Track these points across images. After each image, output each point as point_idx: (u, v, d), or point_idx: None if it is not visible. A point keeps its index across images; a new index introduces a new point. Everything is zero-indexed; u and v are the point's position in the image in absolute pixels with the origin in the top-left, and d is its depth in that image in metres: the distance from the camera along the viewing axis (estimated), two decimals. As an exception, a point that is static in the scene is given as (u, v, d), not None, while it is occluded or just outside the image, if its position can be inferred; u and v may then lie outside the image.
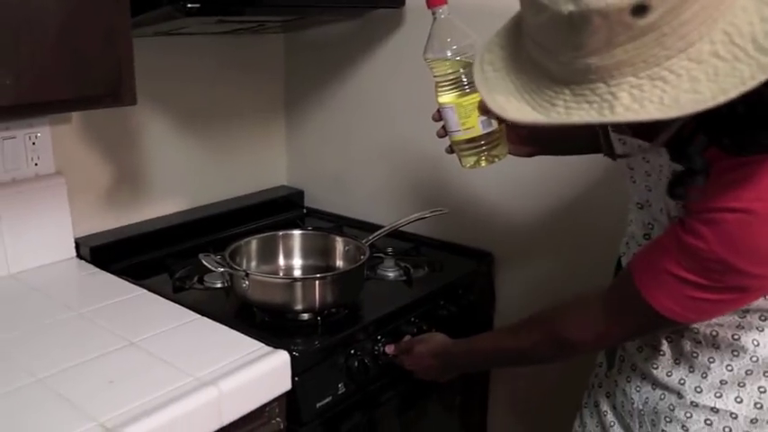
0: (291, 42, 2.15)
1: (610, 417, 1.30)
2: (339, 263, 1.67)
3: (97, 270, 1.63)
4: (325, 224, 2.05)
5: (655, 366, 1.18)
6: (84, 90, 1.26)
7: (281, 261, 1.69)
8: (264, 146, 2.17)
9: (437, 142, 1.36)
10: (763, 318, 1.05)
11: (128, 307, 1.45)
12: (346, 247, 1.66)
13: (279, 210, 2.11)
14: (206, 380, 1.16)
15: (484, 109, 1.20)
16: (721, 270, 0.92)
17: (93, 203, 1.76)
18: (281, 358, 1.26)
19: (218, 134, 2.03)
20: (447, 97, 1.24)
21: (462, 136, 1.24)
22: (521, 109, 0.86)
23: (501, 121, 1.24)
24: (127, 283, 1.56)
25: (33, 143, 1.60)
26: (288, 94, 2.20)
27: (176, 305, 1.45)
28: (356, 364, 1.40)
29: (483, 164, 1.26)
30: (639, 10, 0.72)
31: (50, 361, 1.21)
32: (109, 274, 1.60)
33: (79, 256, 1.69)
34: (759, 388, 1.10)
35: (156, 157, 1.87)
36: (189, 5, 1.32)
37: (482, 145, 1.24)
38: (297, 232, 1.71)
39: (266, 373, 1.23)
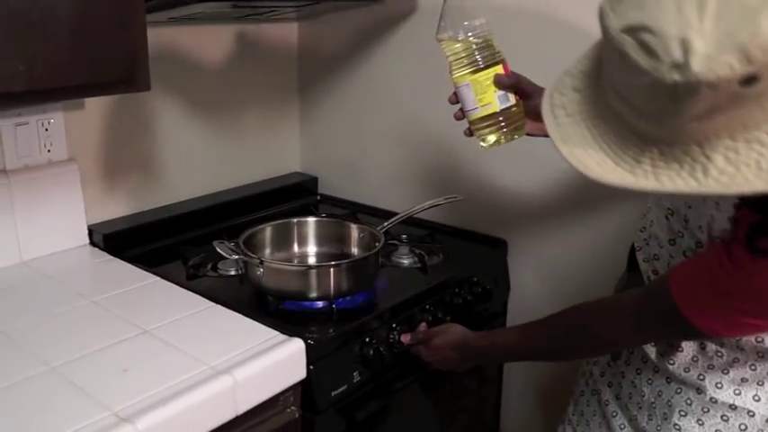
0: (305, 29, 2.14)
1: (612, 406, 1.28)
2: (354, 250, 1.66)
3: (110, 257, 1.62)
4: (339, 211, 2.04)
5: (671, 362, 1.17)
6: (97, 76, 1.24)
7: (296, 248, 1.68)
8: (278, 132, 2.16)
9: (452, 128, 1.35)
10: None
11: (141, 294, 1.44)
12: (361, 234, 1.65)
13: (293, 196, 2.10)
14: (220, 368, 1.15)
15: (501, 83, 1.19)
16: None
17: (106, 190, 1.75)
18: (296, 346, 1.25)
19: (232, 121, 2.02)
20: (462, 75, 1.23)
21: (480, 113, 1.24)
22: (602, 163, 0.81)
23: (518, 95, 1.23)
24: (140, 270, 1.55)
25: (46, 129, 1.59)
26: (301, 81, 2.19)
27: (190, 293, 1.44)
28: (371, 352, 1.39)
29: (503, 141, 1.25)
30: (750, 80, 0.68)
31: (63, 349, 1.20)
32: (122, 262, 1.60)
33: (92, 243, 1.69)
34: None
35: (169, 144, 1.86)
36: (202, -11, 1.32)
37: (501, 122, 1.24)
38: (311, 219, 1.70)
39: (281, 361, 1.22)
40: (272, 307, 1.46)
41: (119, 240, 1.68)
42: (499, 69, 1.22)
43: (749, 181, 0.72)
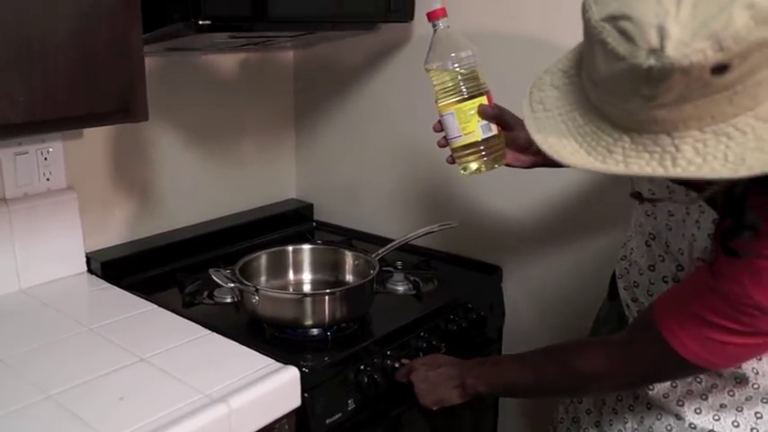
0: (301, 56, 2.16)
1: None
2: (349, 277, 1.67)
3: (108, 285, 1.63)
4: (335, 237, 2.05)
5: (651, 389, 1.18)
6: (96, 106, 1.26)
7: (291, 276, 1.69)
8: (274, 159, 2.18)
9: (446, 155, 1.37)
10: None
11: (138, 322, 1.45)
12: (356, 262, 1.66)
13: (289, 223, 2.12)
14: (216, 397, 1.16)
15: (484, 114, 1.22)
16: (754, 314, 0.91)
17: (104, 217, 1.76)
18: (291, 374, 1.26)
19: (228, 148, 2.04)
20: (447, 104, 1.27)
21: (463, 141, 1.26)
22: (575, 153, 0.84)
23: (501, 126, 1.25)
24: (137, 297, 1.56)
25: (45, 158, 1.61)
26: (297, 108, 2.21)
27: (186, 320, 1.46)
28: (366, 379, 1.40)
29: (483, 169, 1.28)
30: (720, 69, 0.71)
31: (61, 377, 1.21)
32: (119, 289, 1.61)
33: (90, 270, 1.70)
34: (756, 413, 1.11)
35: (167, 171, 1.88)
36: (200, 22, 1.33)
37: (482, 150, 1.26)
38: (306, 247, 1.71)
39: (276, 389, 1.24)
40: (268, 334, 1.47)
41: (116, 268, 1.70)
42: (483, 100, 1.25)
43: (715, 170, 0.75)
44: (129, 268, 1.72)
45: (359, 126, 2.06)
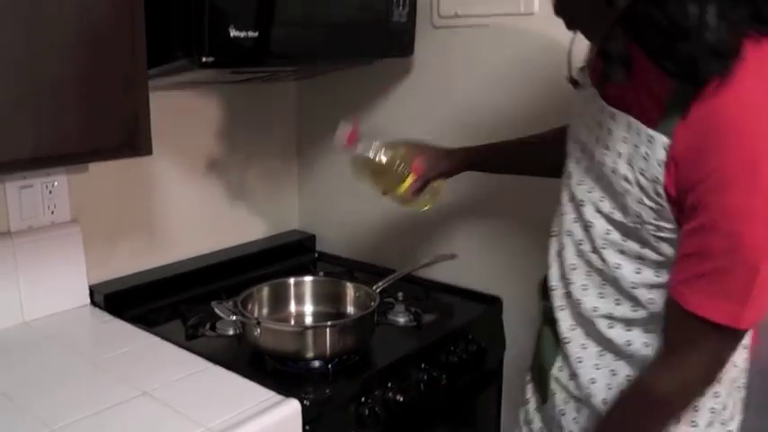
0: (303, 88, 2.19)
1: None
2: (350, 309, 1.68)
3: (111, 317, 1.65)
4: (337, 268, 2.06)
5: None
6: (100, 142, 1.28)
7: (293, 307, 1.70)
8: (277, 190, 2.20)
9: (448, 189, 1.43)
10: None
11: (141, 355, 1.46)
12: (357, 294, 1.67)
13: (291, 254, 2.13)
14: (217, 430, 1.17)
15: (415, 191, 1.46)
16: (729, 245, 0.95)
17: (108, 249, 1.78)
18: (292, 407, 1.27)
19: (231, 180, 2.06)
20: (378, 188, 1.49)
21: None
22: None
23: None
24: (140, 330, 1.57)
25: (50, 192, 1.63)
26: (300, 139, 2.23)
27: (189, 353, 1.47)
28: (367, 412, 1.41)
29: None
30: None
31: (65, 411, 1.22)
32: (122, 322, 1.62)
33: (93, 303, 1.71)
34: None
35: (170, 203, 1.90)
36: (204, 59, 1.35)
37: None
38: (308, 279, 1.72)
39: (277, 422, 1.25)
40: (270, 367, 1.48)
41: (119, 300, 1.71)
42: (410, 180, 1.41)
43: None
44: (132, 301, 1.73)
45: (360, 158, 2.08)
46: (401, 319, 1.72)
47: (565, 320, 1.23)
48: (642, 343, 1.13)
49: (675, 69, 0.94)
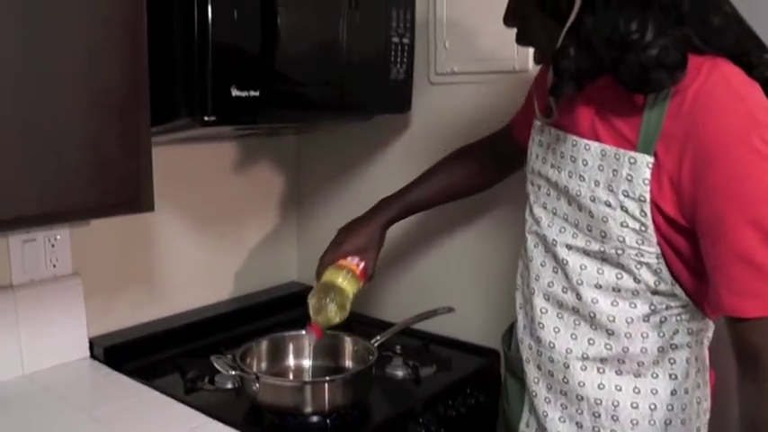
0: (303, 142, 2.22)
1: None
2: (348, 363, 1.69)
3: (110, 370, 1.65)
4: (335, 320, 2.07)
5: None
6: (104, 199, 1.29)
7: (292, 361, 1.71)
8: (276, 242, 2.22)
9: (446, 240, 1.45)
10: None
11: (140, 410, 1.46)
12: (355, 347, 1.68)
13: (290, 306, 2.13)
14: (216, 488, 1.17)
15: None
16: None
17: (108, 302, 1.79)
18: (291, 464, 1.28)
19: (231, 232, 2.08)
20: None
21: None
22: None
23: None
24: (139, 384, 1.58)
25: (53, 245, 1.65)
26: (299, 192, 2.26)
27: (187, 407, 1.47)
28: (365, 469, 1.41)
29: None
30: None
31: (64, 468, 1.22)
32: (121, 375, 1.63)
33: (93, 355, 1.72)
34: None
35: (170, 257, 1.92)
36: (206, 118, 1.38)
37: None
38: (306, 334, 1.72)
39: (276, 479, 1.25)
40: (268, 421, 1.48)
41: (119, 353, 1.71)
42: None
43: None
44: (131, 354, 1.73)
45: (359, 210, 2.07)
46: (399, 373, 1.73)
47: (531, 372, 1.28)
48: (614, 386, 1.17)
49: (629, 79, 1.02)
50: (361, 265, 1.52)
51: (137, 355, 1.74)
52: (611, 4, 0.99)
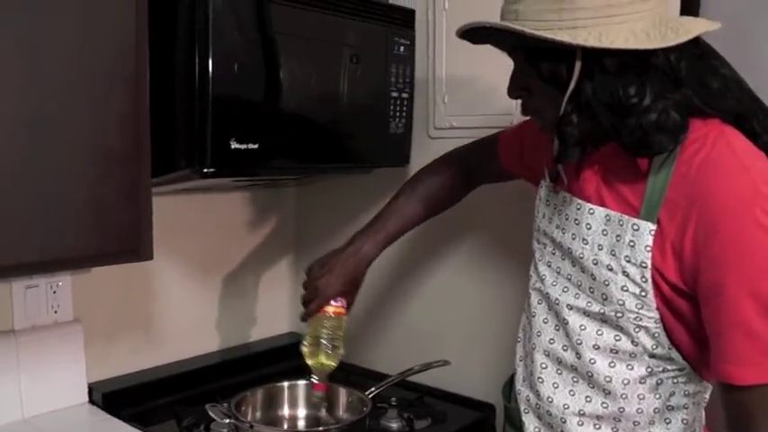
0: (302, 194, 2.25)
1: None
2: (343, 414, 1.69)
3: (108, 416, 1.66)
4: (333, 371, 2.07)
5: None
6: (104, 247, 1.31)
7: (286, 411, 1.72)
8: (272, 293, 2.23)
9: (443, 292, 1.48)
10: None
11: (135, 457, 1.47)
12: (349, 399, 1.68)
13: (286, 356, 2.12)
14: None
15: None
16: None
17: (107, 348, 1.81)
18: None
19: (229, 282, 2.10)
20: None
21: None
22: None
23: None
24: (136, 431, 1.58)
25: (54, 292, 1.67)
26: (297, 243, 2.28)
27: (182, 455, 1.48)
28: None
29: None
30: None
31: None
32: (119, 421, 1.63)
33: (92, 401, 1.73)
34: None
35: (168, 304, 1.94)
36: (205, 170, 1.42)
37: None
38: (302, 383, 1.73)
39: None
40: (262, 470, 1.49)
41: (117, 399, 1.73)
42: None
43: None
44: (129, 400, 1.74)
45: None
46: (394, 425, 1.73)
47: (530, 423, 1.28)
48: None
49: (630, 142, 1.04)
50: (343, 302, 1.53)
51: (134, 401, 1.75)
52: (608, 71, 1.01)
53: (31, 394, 1.63)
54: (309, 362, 1.52)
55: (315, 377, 1.54)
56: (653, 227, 1.06)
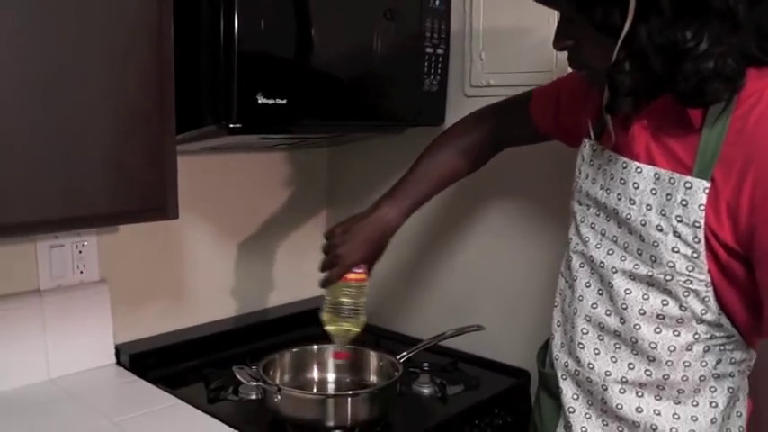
0: (334, 156, 2.21)
1: None
2: (373, 378, 1.67)
3: (135, 378, 1.65)
4: (363, 336, 2.04)
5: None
6: (128, 204, 1.29)
7: (315, 375, 1.70)
8: (303, 256, 2.18)
9: (476, 257, 1.39)
10: None
11: (162, 418, 1.46)
12: (380, 363, 1.66)
13: (315, 320, 2.09)
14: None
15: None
16: None
17: (134, 310, 1.79)
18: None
19: (259, 245, 2.07)
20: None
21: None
22: None
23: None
24: (163, 392, 1.57)
25: (80, 251, 1.65)
26: (328, 206, 2.25)
27: (209, 417, 1.46)
28: (386, 485, 1.38)
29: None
30: None
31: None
32: (146, 383, 1.62)
33: (119, 362, 1.72)
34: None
35: (196, 267, 1.92)
36: (231, 125, 1.38)
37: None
38: (331, 347, 1.69)
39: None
40: (289, 434, 1.47)
41: (144, 361, 1.71)
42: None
43: None
44: (156, 362, 1.73)
45: (391, 224, 2.07)
46: (426, 390, 1.70)
47: (568, 390, 1.25)
48: (653, 410, 1.15)
49: (685, 90, 0.99)
50: (365, 267, 1.48)
51: (162, 363, 1.74)
52: (665, 14, 0.96)
53: (57, 355, 1.62)
54: (330, 328, 1.47)
55: (337, 345, 1.50)
56: (707, 185, 1.02)
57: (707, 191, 1.01)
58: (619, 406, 1.17)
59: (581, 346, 1.21)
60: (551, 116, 1.41)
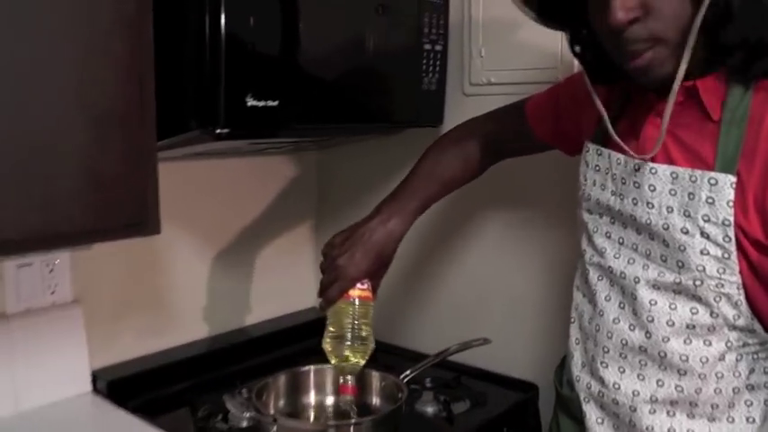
0: (323, 159, 2.14)
1: None
2: (375, 400, 1.58)
3: (113, 407, 1.54)
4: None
5: None
6: (104, 220, 1.17)
7: (312, 399, 1.60)
8: (293, 266, 2.13)
9: (482, 268, 1.52)
10: None
11: (146, 455, 1.35)
12: (383, 383, 1.57)
13: (308, 334, 2.01)
14: None
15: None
16: None
17: (112, 332, 1.69)
18: None
19: (246, 255, 2.00)
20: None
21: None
22: None
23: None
24: (145, 424, 1.46)
25: (51, 270, 1.54)
26: (319, 213, 2.18)
27: (199, 452, 1.36)
28: None
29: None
30: None
31: None
32: (126, 413, 1.52)
33: (96, 390, 1.61)
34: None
35: (179, 281, 1.83)
36: (218, 131, 1.29)
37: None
38: (328, 367, 1.58)
39: None
40: (288, 467, 1.37)
41: (124, 387, 1.61)
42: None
43: None
44: (137, 388, 1.63)
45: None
46: (430, 409, 1.62)
47: (591, 413, 1.19)
48: (686, 431, 1.10)
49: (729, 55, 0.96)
50: (369, 284, 1.35)
51: (143, 389, 1.63)
52: None
53: (27, 385, 1.50)
54: (334, 361, 1.34)
55: (342, 378, 1.37)
56: (733, 179, 0.98)
57: (734, 186, 0.98)
58: (649, 428, 1.11)
59: (604, 365, 1.15)
60: (551, 124, 1.37)
